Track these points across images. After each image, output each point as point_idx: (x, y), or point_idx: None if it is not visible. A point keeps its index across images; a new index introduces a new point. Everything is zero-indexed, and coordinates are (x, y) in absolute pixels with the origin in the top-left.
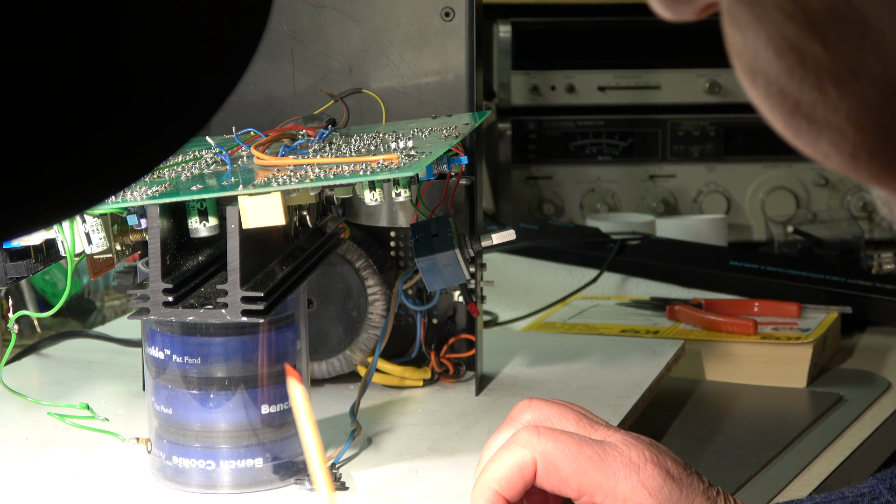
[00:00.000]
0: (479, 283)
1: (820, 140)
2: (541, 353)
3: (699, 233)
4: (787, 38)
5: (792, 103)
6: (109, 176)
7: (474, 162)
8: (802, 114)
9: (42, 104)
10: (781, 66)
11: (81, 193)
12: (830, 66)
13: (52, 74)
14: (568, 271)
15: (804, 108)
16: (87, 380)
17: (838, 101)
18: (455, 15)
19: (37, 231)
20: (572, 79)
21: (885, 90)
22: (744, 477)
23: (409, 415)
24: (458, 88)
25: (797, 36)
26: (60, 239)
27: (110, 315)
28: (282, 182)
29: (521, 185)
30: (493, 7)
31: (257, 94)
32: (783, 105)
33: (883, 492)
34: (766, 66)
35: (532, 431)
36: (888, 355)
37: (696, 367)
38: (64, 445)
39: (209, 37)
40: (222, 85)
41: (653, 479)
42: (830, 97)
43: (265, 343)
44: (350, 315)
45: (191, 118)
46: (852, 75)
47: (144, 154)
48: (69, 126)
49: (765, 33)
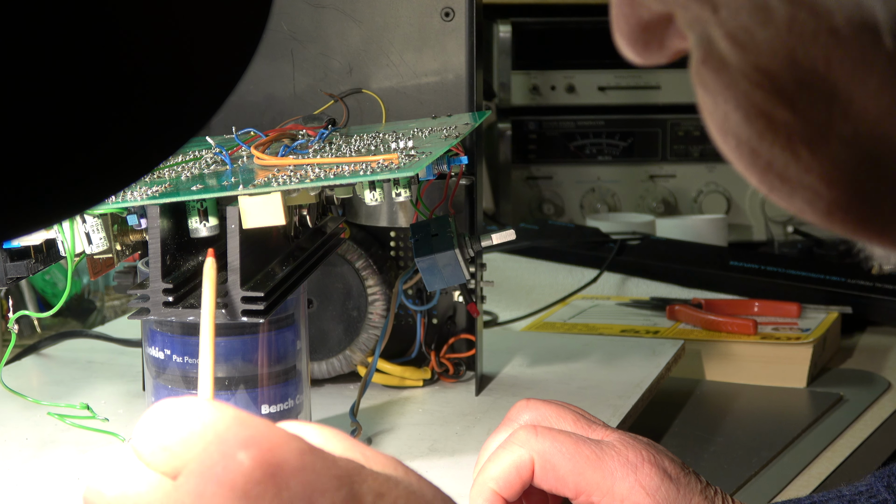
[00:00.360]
0: (479, 283)
1: (794, 197)
2: (541, 353)
3: (699, 233)
4: (755, 104)
5: (764, 163)
6: (109, 176)
7: (474, 162)
8: (775, 173)
9: (42, 104)
10: (751, 129)
11: (81, 193)
12: (801, 129)
13: (51, 75)
14: (568, 271)
15: (777, 168)
16: (87, 380)
17: (810, 162)
18: (455, 15)
19: (37, 231)
20: (572, 79)
21: (856, 151)
22: (744, 477)
23: (409, 415)
24: (458, 88)
25: (765, 102)
26: (60, 239)
27: (110, 315)
28: (282, 182)
29: (521, 185)
30: (493, 7)
31: (257, 94)
32: (756, 164)
33: (881, 490)
34: (736, 128)
35: (530, 431)
36: (888, 355)
37: (696, 367)
38: (64, 445)
39: (209, 37)
40: (222, 85)
41: (650, 479)
42: (802, 158)
43: (265, 343)
44: (350, 315)
45: (191, 118)
46: (823, 138)
47: (144, 154)
48: (69, 126)
49: (733, 99)
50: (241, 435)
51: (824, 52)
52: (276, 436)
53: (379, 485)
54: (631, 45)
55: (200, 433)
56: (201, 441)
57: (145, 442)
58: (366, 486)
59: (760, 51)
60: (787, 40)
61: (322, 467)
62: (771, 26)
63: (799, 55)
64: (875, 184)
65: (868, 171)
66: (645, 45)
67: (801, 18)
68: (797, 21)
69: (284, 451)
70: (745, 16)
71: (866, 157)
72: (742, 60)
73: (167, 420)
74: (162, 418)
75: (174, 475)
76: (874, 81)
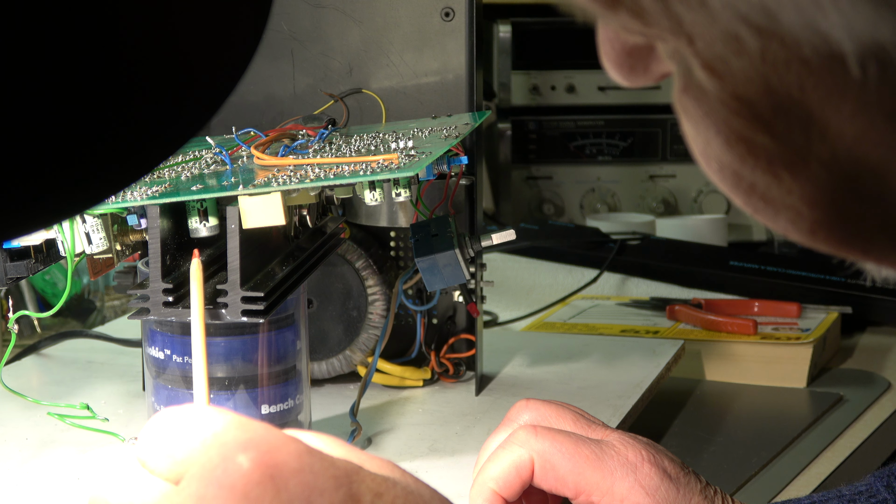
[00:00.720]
0: (479, 283)
1: (778, 218)
2: (541, 353)
3: (699, 233)
4: (735, 130)
5: (747, 185)
6: (109, 176)
7: (474, 162)
8: (758, 195)
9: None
10: (732, 154)
11: (81, 193)
12: (780, 153)
13: (52, 75)
14: (568, 271)
15: (759, 191)
16: (87, 380)
17: (791, 184)
18: (455, 15)
19: (37, 231)
20: (572, 79)
21: (835, 173)
22: (744, 477)
23: (409, 415)
24: (458, 88)
25: (744, 129)
26: (60, 239)
27: (110, 315)
28: (282, 182)
29: (521, 185)
30: (493, 7)
31: (257, 94)
32: (739, 187)
33: (880, 489)
34: (718, 154)
35: (529, 431)
36: (888, 355)
37: (696, 367)
38: (64, 445)
39: (209, 37)
40: (222, 85)
41: (650, 479)
42: (784, 181)
43: (265, 343)
44: (350, 315)
45: (191, 118)
46: (802, 161)
47: (144, 154)
48: (69, 126)
49: (714, 126)
50: (241, 438)
51: (798, 80)
52: (275, 438)
53: (377, 485)
54: (617, 68)
55: (201, 438)
56: (202, 446)
57: (148, 449)
58: (364, 486)
59: (737, 79)
60: (761, 69)
61: (320, 468)
62: (745, 56)
63: (774, 83)
64: (855, 204)
65: (848, 192)
66: (630, 68)
67: (772, 49)
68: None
69: (283, 452)
70: (719, 46)
71: (845, 178)
72: (720, 89)
73: (169, 427)
74: (164, 426)
75: (177, 481)
76: (848, 106)
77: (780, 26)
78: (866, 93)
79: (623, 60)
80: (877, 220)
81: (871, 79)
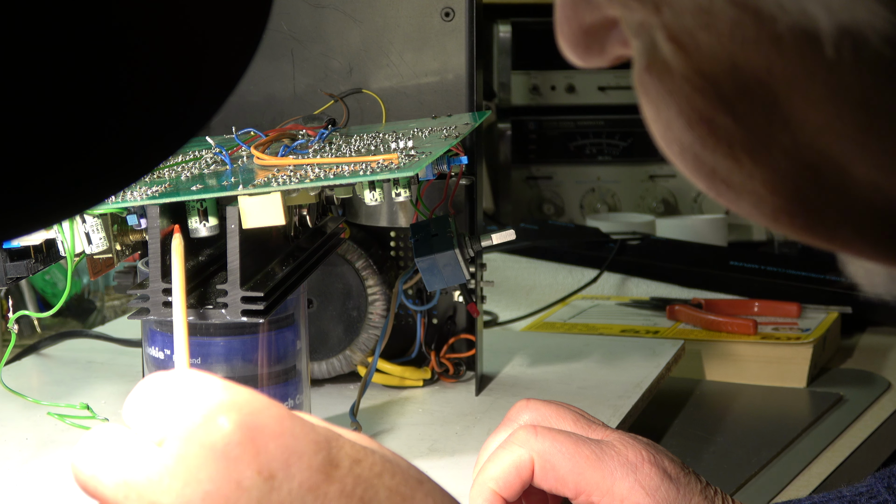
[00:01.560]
0: (479, 283)
1: (740, 202)
2: (541, 353)
3: (699, 233)
4: (697, 109)
5: (708, 169)
6: (109, 176)
7: (474, 162)
8: (720, 179)
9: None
10: (693, 136)
11: (81, 193)
12: (741, 137)
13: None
14: (568, 271)
15: (720, 175)
16: (87, 380)
17: (753, 169)
18: (455, 15)
19: (37, 231)
20: (572, 79)
21: (796, 161)
22: (744, 477)
23: (409, 415)
24: (458, 88)
25: (707, 108)
26: (60, 239)
27: (110, 315)
28: (282, 182)
29: (521, 185)
30: (493, 7)
31: (257, 94)
32: (700, 170)
33: (881, 490)
34: (679, 135)
35: (529, 431)
36: (888, 355)
37: (696, 367)
38: (64, 445)
39: (209, 37)
40: (222, 85)
41: (650, 479)
42: (745, 166)
43: (265, 343)
44: (350, 315)
45: (191, 119)
46: (764, 147)
47: (144, 154)
48: (69, 126)
49: (675, 105)
50: (224, 400)
51: (766, 61)
52: (258, 401)
53: (355, 452)
54: (572, 47)
55: (184, 400)
56: (185, 407)
57: (133, 411)
58: (342, 452)
59: (703, 55)
60: (729, 46)
61: (301, 432)
62: (713, 30)
63: (741, 61)
64: (817, 193)
65: (809, 181)
66: (586, 48)
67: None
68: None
69: (265, 415)
70: (688, 18)
71: (807, 167)
72: (684, 65)
73: (153, 390)
74: (149, 389)
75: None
76: (815, 93)
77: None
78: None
79: (579, 40)
80: (839, 210)
81: (845, 61)
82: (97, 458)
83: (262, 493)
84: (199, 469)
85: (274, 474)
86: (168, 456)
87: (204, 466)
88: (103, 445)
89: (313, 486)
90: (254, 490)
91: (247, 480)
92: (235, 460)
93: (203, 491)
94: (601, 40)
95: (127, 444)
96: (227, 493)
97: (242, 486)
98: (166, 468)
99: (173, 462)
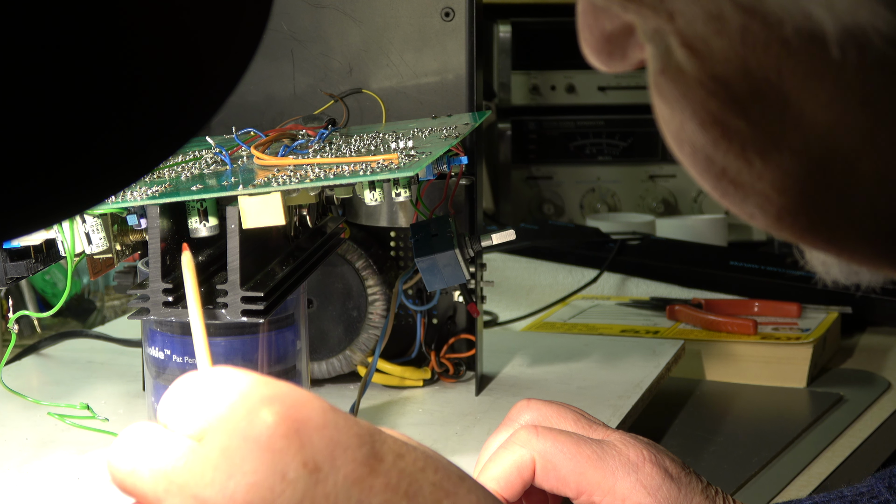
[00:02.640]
0: (479, 283)
1: (746, 203)
2: (541, 353)
3: (699, 233)
4: (710, 112)
5: (718, 169)
6: (109, 176)
7: (474, 162)
8: (728, 179)
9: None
10: (706, 137)
11: (81, 193)
12: (753, 138)
13: (52, 76)
14: (568, 271)
15: (730, 175)
16: (87, 380)
17: (762, 170)
18: (455, 15)
19: (37, 231)
20: (572, 79)
21: (806, 162)
22: (744, 477)
23: (409, 415)
24: (458, 88)
25: (720, 111)
26: (60, 239)
27: (110, 315)
28: (282, 182)
29: (521, 185)
30: (493, 7)
31: (257, 94)
32: (710, 171)
33: (882, 491)
34: (692, 136)
35: (531, 431)
36: (888, 355)
37: (696, 367)
38: (64, 445)
39: (209, 37)
40: (222, 85)
41: (651, 479)
42: (755, 166)
43: (265, 343)
44: (350, 315)
45: (191, 119)
46: (775, 147)
47: (144, 154)
48: (69, 127)
49: (689, 107)
50: (266, 394)
51: (776, 63)
52: (300, 395)
53: (398, 447)
54: (596, 54)
55: (226, 395)
56: (227, 402)
57: (172, 410)
58: (386, 446)
59: (716, 60)
60: (740, 50)
61: (345, 425)
62: (725, 36)
63: (752, 65)
64: (823, 193)
65: (816, 181)
66: (609, 54)
67: (754, 29)
68: (749, 31)
69: (308, 408)
70: (700, 24)
71: (815, 166)
72: (698, 69)
73: (189, 389)
74: (186, 387)
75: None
76: (824, 93)
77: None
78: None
79: (602, 46)
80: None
81: (850, 61)
82: (135, 454)
83: (307, 486)
84: (243, 461)
85: (319, 466)
86: (211, 449)
87: (248, 459)
88: (141, 441)
89: (358, 479)
90: (299, 482)
91: (292, 472)
92: (280, 452)
93: (247, 483)
94: (622, 46)
95: (166, 439)
96: (272, 485)
97: (287, 479)
98: (209, 461)
99: (217, 455)
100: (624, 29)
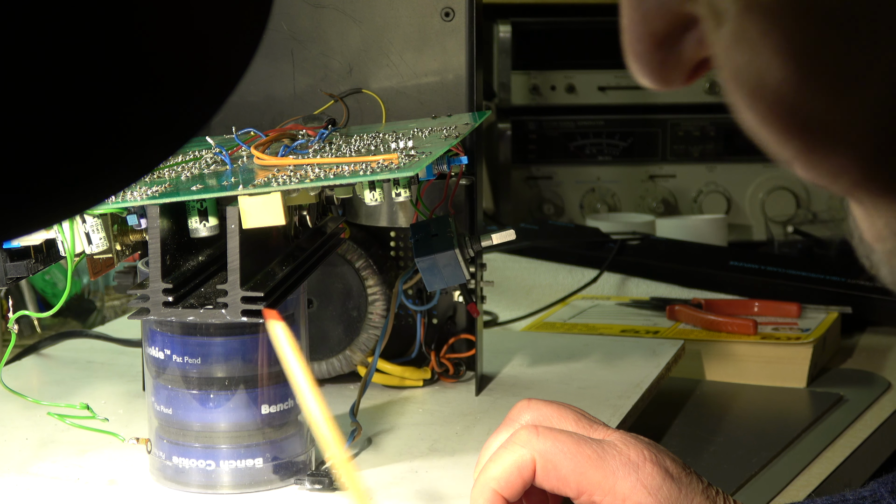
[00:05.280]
0: (479, 283)
1: (833, 155)
2: (541, 353)
3: (699, 233)
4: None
5: (804, 116)
6: (109, 176)
7: (474, 162)
8: (815, 125)
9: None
10: (797, 73)
11: (81, 193)
12: (847, 62)
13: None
14: (568, 271)
15: (817, 118)
16: (87, 380)
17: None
18: (455, 15)
19: (37, 231)
20: (572, 79)
21: None
22: (744, 477)
23: (409, 415)
24: (458, 88)
25: (811, 35)
26: (60, 239)
27: (110, 315)
28: (282, 182)
29: (521, 185)
30: (493, 7)
31: (257, 94)
32: (794, 120)
33: (885, 495)
34: (777, 76)
35: (531, 431)
36: (888, 355)
37: (696, 367)
38: (64, 445)
39: (209, 37)
40: (223, 85)
41: (652, 478)
42: (848, 98)
43: (265, 343)
44: (350, 315)
45: (191, 118)
46: (869, 70)
47: (144, 154)
48: (69, 126)
49: (774, 42)
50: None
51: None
52: None
53: None
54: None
55: None
56: None
57: None
58: None
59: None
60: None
61: None
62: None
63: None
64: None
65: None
66: (662, 63)
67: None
68: None
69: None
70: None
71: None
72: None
73: None
74: None
75: None
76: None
77: None
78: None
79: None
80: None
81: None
82: None
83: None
84: None
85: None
86: None
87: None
88: None
89: None
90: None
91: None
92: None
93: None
94: (677, 49)
95: None
96: None
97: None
98: None
99: None
100: (679, 23)
